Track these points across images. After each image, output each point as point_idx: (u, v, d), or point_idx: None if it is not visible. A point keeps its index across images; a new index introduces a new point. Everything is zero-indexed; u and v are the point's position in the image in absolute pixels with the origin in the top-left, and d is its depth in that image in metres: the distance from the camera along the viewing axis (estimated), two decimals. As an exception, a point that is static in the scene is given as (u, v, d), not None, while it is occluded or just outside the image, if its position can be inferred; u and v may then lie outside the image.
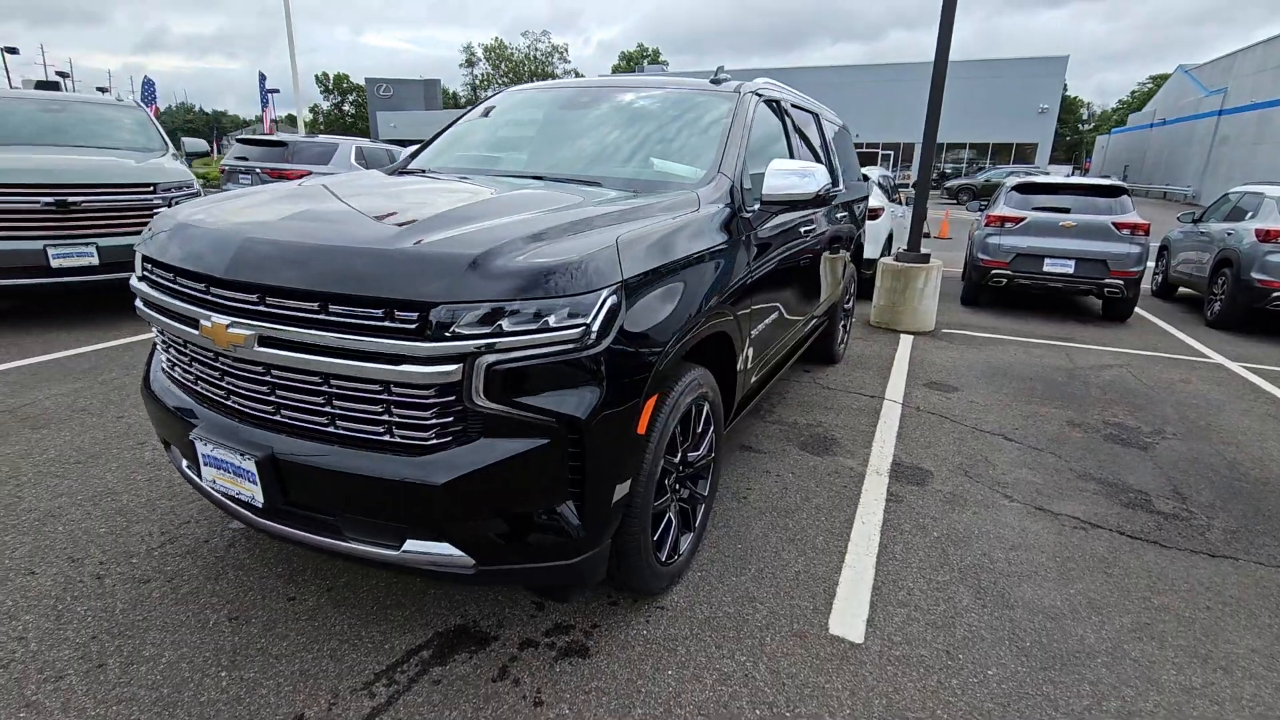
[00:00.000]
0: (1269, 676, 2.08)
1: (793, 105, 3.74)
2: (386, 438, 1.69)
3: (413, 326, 1.57)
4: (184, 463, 2.09)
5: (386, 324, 1.58)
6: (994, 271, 7.58)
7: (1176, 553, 2.77)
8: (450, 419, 1.65)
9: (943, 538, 2.79)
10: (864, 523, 2.88)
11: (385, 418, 1.67)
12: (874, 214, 7.91)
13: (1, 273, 4.69)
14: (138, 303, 2.06)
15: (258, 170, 9.41)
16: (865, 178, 8.24)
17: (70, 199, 4.76)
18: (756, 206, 2.72)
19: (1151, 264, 8.67)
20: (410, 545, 1.73)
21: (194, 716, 1.75)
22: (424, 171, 3.01)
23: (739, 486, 3.16)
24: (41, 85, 7.57)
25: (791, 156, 3.49)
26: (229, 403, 1.87)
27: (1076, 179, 7.97)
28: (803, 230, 3.38)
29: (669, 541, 2.27)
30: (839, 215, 4.47)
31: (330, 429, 1.73)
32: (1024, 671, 2.05)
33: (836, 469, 3.40)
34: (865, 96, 39.12)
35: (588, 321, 1.66)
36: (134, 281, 2.05)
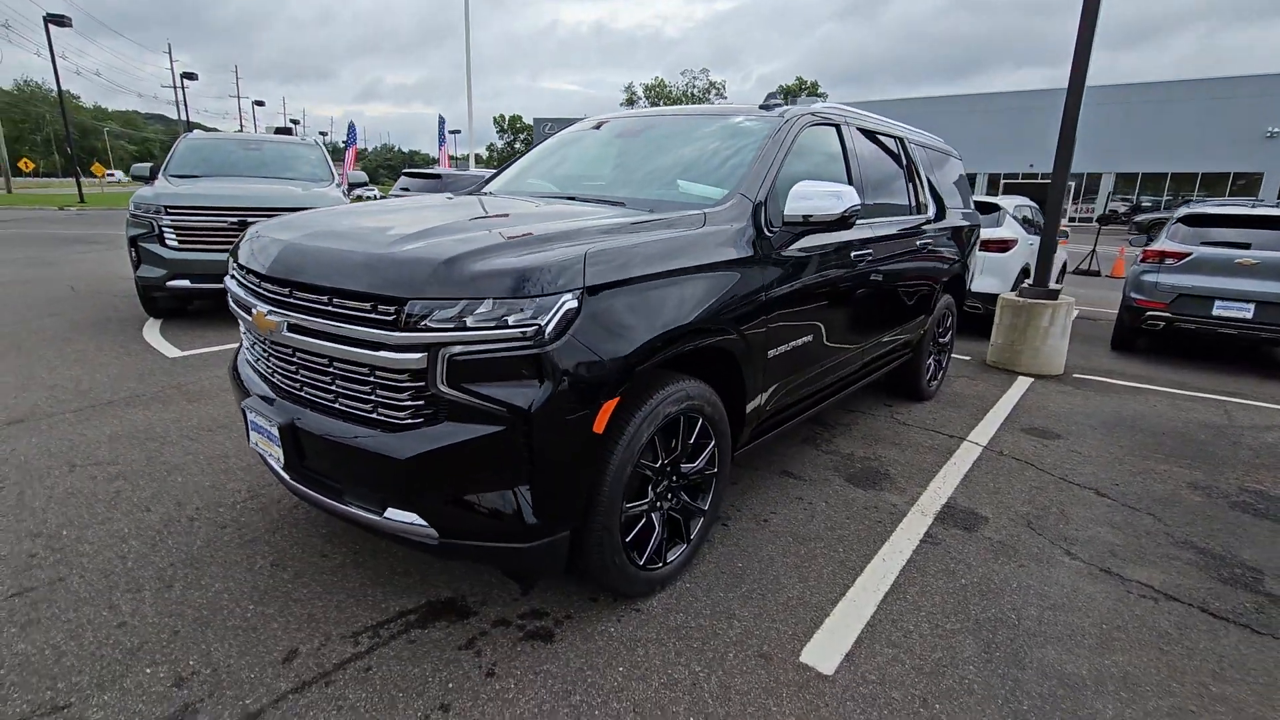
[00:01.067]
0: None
1: (860, 129, 3.68)
2: (374, 415, 1.96)
3: (390, 318, 1.83)
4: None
5: (372, 315, 1.86)
6: (1149, 313, 6.66)
7: (1271, 640, 2.33)
8: (422, 402, 1.88)
9: (970, 586, 2.57)
10: (885, 560, 2.73)
11: (372, 397, 1.94)
12: (1004, 246, 7.32)
13: (198, 278, 5.83)
14: (229, 298, 2.53)
15: (416, 199, 10.69)
16: (995, 207, 7.69)
17: (249, 219, 5.80)
18: (779, 228, 2.73)
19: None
20: (390, 513, 1.98)
21: (218, 634, 2.11)
22: (489, 192, 3.36)
23: (763, 510, 3.11)
24: (278, 130, 9.31)
25: (849, 180, 3.43)
26: (272, 379, 2.26)
27: (1261, 209, 6.78)
28: (853, 255, 3.29)
29: (651, 547, 2.33)
30: (925, 244, 4.26)
31: (335, 405, 2.04)
32: (1004, 734, 1.86)
33: (877, 504, 3.22)
34: (1043, 123, 35.97)
35: (542, 323, 1.83)
36: (226, 280, 2.54)
